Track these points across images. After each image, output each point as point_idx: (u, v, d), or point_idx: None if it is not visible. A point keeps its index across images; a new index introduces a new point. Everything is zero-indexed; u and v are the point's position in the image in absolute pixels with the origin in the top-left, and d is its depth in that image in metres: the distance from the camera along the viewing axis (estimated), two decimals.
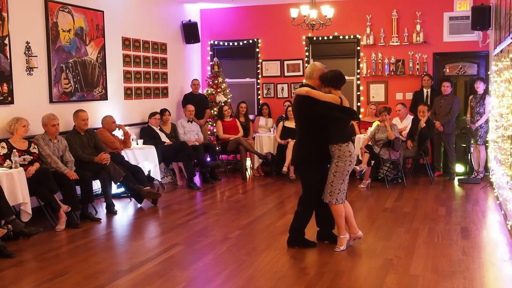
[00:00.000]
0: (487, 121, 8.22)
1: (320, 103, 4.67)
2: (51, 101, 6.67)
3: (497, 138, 6.85)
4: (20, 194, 5.35)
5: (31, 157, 5.82)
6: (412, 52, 9.17)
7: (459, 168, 8.78)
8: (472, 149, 8.35)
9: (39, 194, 5.73)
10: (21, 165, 5.58)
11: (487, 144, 8.24)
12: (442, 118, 8.39)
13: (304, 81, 5.68)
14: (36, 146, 5.93)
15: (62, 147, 6.23)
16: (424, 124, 7.99)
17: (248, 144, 8.93)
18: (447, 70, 9.18)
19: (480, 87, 8.30)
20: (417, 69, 9.16)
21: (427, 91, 8.84)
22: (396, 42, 9.23)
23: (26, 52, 6.25)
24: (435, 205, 6.71)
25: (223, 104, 9.49)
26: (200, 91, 9.67)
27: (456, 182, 8.25)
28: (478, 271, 4.33)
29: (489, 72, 8.39)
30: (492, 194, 7.24)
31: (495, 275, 4.35)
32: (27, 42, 6.26)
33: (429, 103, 8.63)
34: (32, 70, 6.33)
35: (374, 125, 8.31)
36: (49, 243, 5.26)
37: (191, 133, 8.86)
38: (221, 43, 10.38)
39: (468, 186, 7.95)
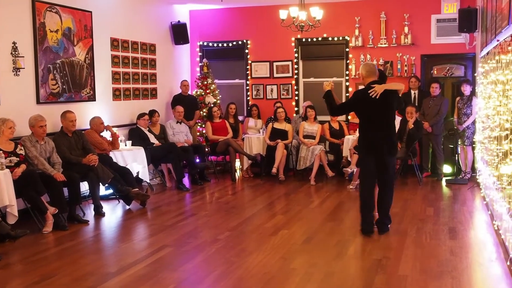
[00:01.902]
0: (474, 122, 8.29)
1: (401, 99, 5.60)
2: (38, 102, 6.61)
3: (483, 139, 6.91)
4: (6, 196, 5.27)
5: (18, 159, 5.75)
6: (400, 54, 9.23)
7: (447, 168, 8.85)
8: (459, 150, 8.43)
9: (25, 196, 5.66)
10: (7, 167, 5.51)
11: (474, 145, 8.31)
12: (431, 119, 8.45)
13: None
14: (22, 148, 5.86)
15: (49, 149, 6.17)
16: (412, 125, 8.05)
17: (238, 145, 8.92)
18: (435, 71, 9.25)
19: (466, 89, 8.37)
20: (405, 70, 9.22)
21: (414, 93, 8.90)
22: (385, 44, 9.29)
23: (13, 53, 6.19)
24: (423, 206, 6.76)
25: (212, 105, 9.47)
26: (189, 92, 9.65)
27: (443, 183, 8.32)
28: (466, 271, 4.37)
29: (475, 74, 8.47)
30: (479, 194, 7.31)
31: (483, 274, 4.38)
32: (14, 43, 6.20)
33: (416, 104, 8.69)
34: (19, 71, 6.26)
35: None
36: (36, 245, 5.21)
37: (180, 134, 8.83)
38: (210, 44, 10.36)
39: (455, 186, 8.01)
